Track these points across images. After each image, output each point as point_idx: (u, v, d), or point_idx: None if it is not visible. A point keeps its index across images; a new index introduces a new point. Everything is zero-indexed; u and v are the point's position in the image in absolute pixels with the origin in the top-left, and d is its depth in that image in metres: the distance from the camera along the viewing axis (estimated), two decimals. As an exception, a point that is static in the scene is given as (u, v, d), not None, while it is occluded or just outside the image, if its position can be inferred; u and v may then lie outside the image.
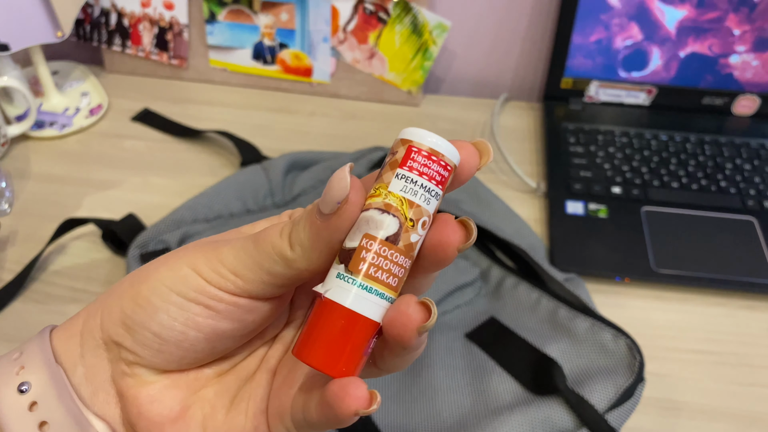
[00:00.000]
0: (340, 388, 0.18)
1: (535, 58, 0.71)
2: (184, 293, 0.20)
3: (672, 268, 0.51)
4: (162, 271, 0.20)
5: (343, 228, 0.19)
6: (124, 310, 0.20)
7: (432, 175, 0.19)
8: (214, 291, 0.20)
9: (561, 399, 0.40)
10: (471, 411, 0.40)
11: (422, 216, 0.19)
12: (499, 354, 0.43)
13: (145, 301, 0.20)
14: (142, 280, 0.21)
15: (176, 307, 0.20)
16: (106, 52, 0.70)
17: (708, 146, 0.62)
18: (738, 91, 0.65)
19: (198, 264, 0.20)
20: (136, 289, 0.20)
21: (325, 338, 0.19)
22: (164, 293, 0.20)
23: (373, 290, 0.19)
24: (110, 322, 0.21)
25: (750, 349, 0.47)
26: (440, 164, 0.19)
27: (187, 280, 0.20)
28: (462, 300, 0.47)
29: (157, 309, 0.20)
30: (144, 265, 0.22)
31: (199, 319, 0.20)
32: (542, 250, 0.52)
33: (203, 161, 0.61)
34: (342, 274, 0.19)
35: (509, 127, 0.67)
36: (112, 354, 0.21)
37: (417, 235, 0.19)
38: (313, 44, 0.67)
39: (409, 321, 0.18)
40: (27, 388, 0.20)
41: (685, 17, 0.62)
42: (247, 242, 0.20)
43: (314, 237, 0.19)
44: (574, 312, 0.45)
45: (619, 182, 0.58)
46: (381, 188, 0.19)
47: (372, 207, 0.19)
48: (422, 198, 0.19)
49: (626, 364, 0.42)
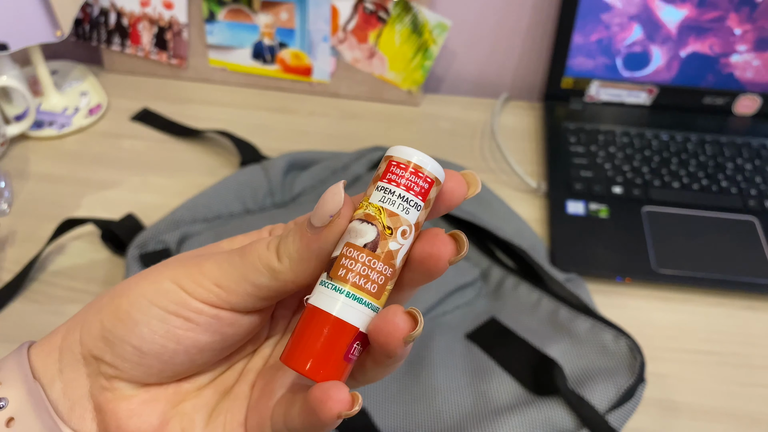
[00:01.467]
0: (322, 392, 0.18)
1: (536, 58, 0.71)
2: (165, 306, 0.20)
3: (673, 269, 0.51)
4: (143, 285, 0.21)
5: (332, 239, 0.20)
6: (104, 324, 0.20)
7: (410, 186, 0.20)
8: (195, 304, 0.20)
9: (561, 400, 0.39)
10: (471, 412, 0.40)
11: (401, 225, 0.20)
12: (499, 354, 0.43)
13: (125, 314, 0.20)
14: (122, 294, 0.21)
15: (156, 320, 0.20)
16: (106, 51, 0.70)
17: (709, 146, 0.62)
18: (739, 90, 0.65)
19: (179, 277, 0.20)
20: (116, 303, 0.21)
21: (306, 343, 0.19)
22: (144, 306, 0.20)
23: (352, 296, 0.19)
24: (89, 336, 0.21)
25: (751, 349, 0.47)
26: (419, 176, 0.20)
27: (168, 294, 0.20)
28: (462, 300, 0.47)
29: (137, 322, 0.20)
30: (125, 280, 0.22)
31: (179, 332, 0.20)
32: (543, 251, 0.52)
33: (202, 161, 0.61)
34: (324, 281, 0.20)
35: (510, 126, 0.67)
36: (90, 369, 0.21)
37: (396, 243, 0.20)
38: (312, 44, 0.67)
39: (396, 330, 0.19)
40: (4, 404, 0.20)
41: (686, 17, 0.62)
42: (231, 255, 0.21)
43: (303, 249, 0.20)
44: (574, 312, 0.45)
45: (619, 182, 0.58)
46: (364, 201, 0.20)
47: (354, 218, 0.20)
48: (400, 207, 0.20)
49: (627, 364, 0.42)
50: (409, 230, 0.20)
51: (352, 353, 0.20)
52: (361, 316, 0.19)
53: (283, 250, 0.20)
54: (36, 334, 0.46)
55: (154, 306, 0.20)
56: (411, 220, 0.20)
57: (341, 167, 0.56)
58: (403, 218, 0.20)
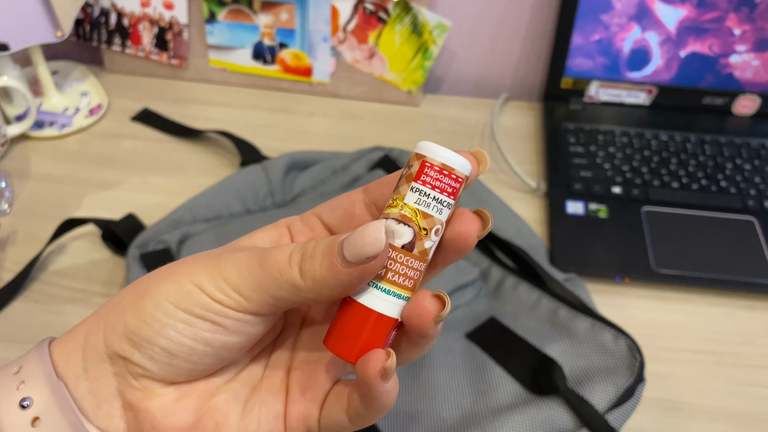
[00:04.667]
0: (364, 359, 0.20)
1: (536, 58, 0.71)
2: (190, 309, 0.20)
3: (672, 268, 0.51)
4: (164, 286, 0.20)
5: (365, 280, 0.20)
6: (129, 326, 0.20)
7: (444, 188, 0.21)
8: (218, 307, 0.20)
9: (561, 399, 0.40)
10: (471, 411, 0.40)
11: (435, 225, 0.21)
12: (499, 354, 0.43)
13: (150, 317, 0.20)
14: (143, 294, 0.21)
15: (183, 323, 0.20)
16: (106, 51, 0.70)
17: (708, 146, 0.62)
18: (738, 90, 0.65)
19: (201, 280, 0.20)
20: (140, 304, 0.20)
21: (351, 334, 0.21)
22: (169, 310, 0.20)
23: (392, 292, 0.21)
24: (114, 337, 0.21)
25: (750, 349, 0.47)
26: (451, 177, 0.21)
27: (192, 297, 0.20)
28: (462, 300, 0.47)
29: (164, 325, 0.20)
30: (143, 278, 0.22)
31: (206, 335, 0.20)
32: (542, 250, 0.52)
33: (203, 161, 0.61)
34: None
35: (509, 126, 0.67)
36: (117, 368, 0.21)
37: (431, 241, 0.21)
38: (313, 44, 0.67)
39: (426, 312, 0.20)
40: (29, 404, 0.20)
41: (686, 17, 0.62)
42: (252, 261, 0.20)
43: (331, 278, 0.20)
44: (574, 312, 0.45)
45: (619, 182, 0.58)
46: (398, 200, 0.21)
47: (390, 217, 0.21)
48: (435, 209, 0.21)
49: (626, 364, 0.42)
50: (441, 228, 0.21)
51: (390, 339, 0.22)
52: (398, 308, 0.21)
53: (308, 269, 0.20)
54: (36, 334, 0.46)
55: (179, 309, 0.20)
56: (443, 219, 0.21)
57: (341, 167, 0.56)
58: (436, 218, 0.21)
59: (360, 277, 0.20)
